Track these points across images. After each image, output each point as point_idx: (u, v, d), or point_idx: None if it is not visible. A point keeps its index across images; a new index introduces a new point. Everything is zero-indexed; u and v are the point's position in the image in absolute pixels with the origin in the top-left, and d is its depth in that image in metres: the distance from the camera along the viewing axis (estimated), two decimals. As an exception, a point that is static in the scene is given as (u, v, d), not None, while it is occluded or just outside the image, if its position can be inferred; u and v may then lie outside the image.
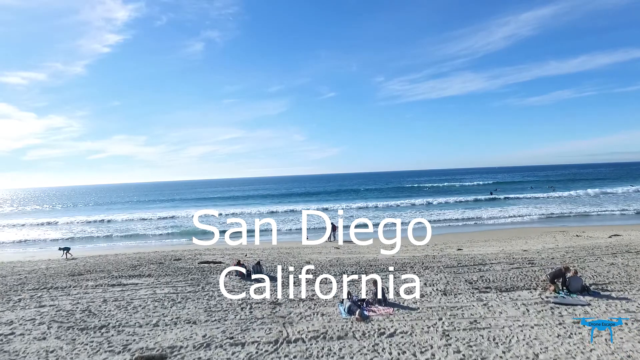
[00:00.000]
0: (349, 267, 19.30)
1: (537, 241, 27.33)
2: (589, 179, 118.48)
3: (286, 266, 20.25)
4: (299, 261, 22.36)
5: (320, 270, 18.86)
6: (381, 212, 54.45)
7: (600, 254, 20.20)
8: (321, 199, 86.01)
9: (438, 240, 31.33)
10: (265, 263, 21.63)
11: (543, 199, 60.86)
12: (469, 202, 58.60)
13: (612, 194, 64.69)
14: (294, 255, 25.20)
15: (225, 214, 58.59)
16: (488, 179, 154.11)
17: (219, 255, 26.23)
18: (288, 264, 21.08)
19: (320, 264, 20.94)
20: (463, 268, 17.97)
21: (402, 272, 18.02)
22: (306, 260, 22.10)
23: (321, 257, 23.97)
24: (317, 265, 20.31)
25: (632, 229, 31.64)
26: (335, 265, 20.03)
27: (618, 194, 64.28)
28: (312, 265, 21.11)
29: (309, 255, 24.72)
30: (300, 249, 28.74)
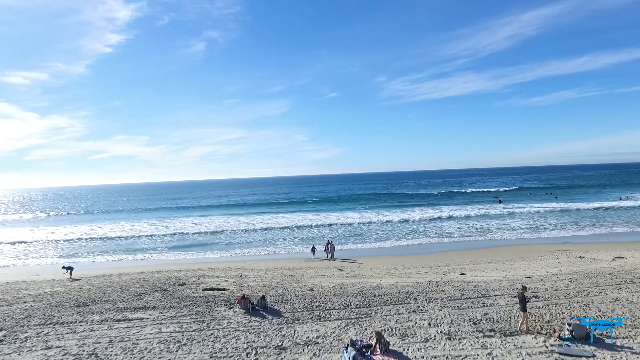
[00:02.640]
0: (353, 298, 19.32)
1: (540, 263, 27.32)
2: (589, 186, 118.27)
3: (290, 295, 20.30)
4: (302, 287, 22.42)
5: (324, 302, 18.89)
6: (381, 227, 54.41)
7: (605, 284, 20.20)
8: (321, 207, 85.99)
9: (442, 259, 31.35)
10: (268, 290, 21.73)
11: (544, 214, 60.76)
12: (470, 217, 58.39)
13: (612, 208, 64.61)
14: (297, 278, 25.25)
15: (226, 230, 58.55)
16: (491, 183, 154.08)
17: (222, 276, 26.32)
18: (292, 292, 21.15)
19: (323, 292, 20.99)
20: (467, 301, 17.98)
21: (406, 304, 18.07)
22: (309, 287, 22.14)
23: (324, 281, 24.00)
24: (320, 294, 20.36)
25: (635, 248, 31.59)
26: (339, 295, 20.06)
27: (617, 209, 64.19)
28: (315, 292, 21.21)
29: (312, 280, 24.75)
30: (303, 270, 28.78)
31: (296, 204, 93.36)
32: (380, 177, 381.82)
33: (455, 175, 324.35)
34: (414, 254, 34.77)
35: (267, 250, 39.38)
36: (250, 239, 46.25)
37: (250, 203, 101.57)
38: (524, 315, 14.43)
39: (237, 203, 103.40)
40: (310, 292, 21.24)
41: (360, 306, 18.08)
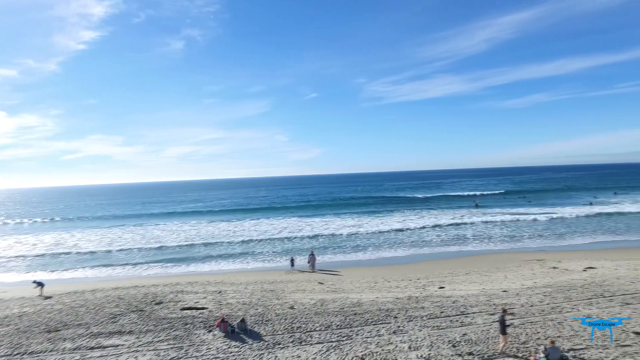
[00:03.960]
0: (334, 318, 19.27)
1: (516, 275, 27.98)
2: (561, 189, 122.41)
3: (271, 315, 20.08)
4: (282, 305, 22.23)
5: (305, 322, 18.77)
6: (361, 235, 54.71)
7: (577, 299, 20.85)
8: (302, 213, 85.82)
9: (421, 270, 31.72)
10: (248, 309, 21.45)
11: (519, 221, 62.41)
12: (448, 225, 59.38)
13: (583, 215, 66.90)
14: (278, 294, 25.04)
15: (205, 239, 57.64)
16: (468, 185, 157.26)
17: (201, 292, 25.84)
18: (272, 310, 20.94)
19: (304, 310, 20.87)
20: (446, 320, 18.21)
21: (386, 324, 18.16)
22: (290, 305, 21.97)
23: (305, 297, 23.88)
24: (301, 313, 20.24)
25: (605, 258, 32.75)
26: (320, 314, 19.98)
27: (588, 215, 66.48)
28: (295, 310, 21.07)
29: (293, 295, 24.59)
30: (284, 283, 28.57)
31: (276, 210, 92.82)
32: (361, 178, 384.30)
33: (434, 176, 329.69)
34: (393, 265, 35.07)
35: (246, 261, 38.96)
36: (229, 249, 45.66)
37: (229, 208, 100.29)
38: (503, 338, 14.71)
39: (216, 208, 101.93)
40: (291, 310, 21.09)
41: (342, 327, 18.05)
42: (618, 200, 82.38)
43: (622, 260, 30.97)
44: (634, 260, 30.82)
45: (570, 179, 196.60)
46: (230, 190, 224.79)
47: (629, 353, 14.09)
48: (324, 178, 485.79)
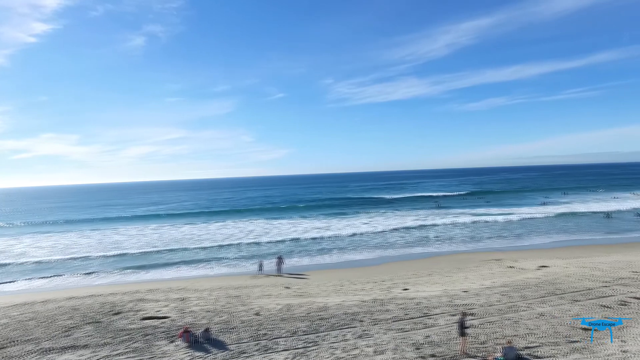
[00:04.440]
0: (300, 323, 19.20)
1: (476, 275, 29.04)
2: (516, 190, 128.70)
3: (236, 322, 19.73)
4: (248, 311, 21.91)
5: (271, 328, 18.58)
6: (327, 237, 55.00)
7: (531, 297, 21.92)
8: (268, 215, 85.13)
9: (386, 272, 32.24)
10: (213, 316, 20.97)
11: (477, 221, 64.82)
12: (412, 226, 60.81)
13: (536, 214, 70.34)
14: (243, 300, 24.65)
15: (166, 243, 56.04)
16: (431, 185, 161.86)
17: (162, 300, 24.99)
18: (238, 318, 20.58)
19: (270, 316, 20.66)
20: (410, 322, 18.60)
21: (352, 328, 18.32)
22: (256, 311, 21.69)
23: (271, 303, 23.64)
24: (267, 319, 20.02)
25: (557, 256, 34.66)
26: (286, 320, 19.85)
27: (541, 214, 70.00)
28: (261, 316, 20.82)
29: (258, 301, 24.28)
30: (249, 288, 28.16)
31: (242, 212, 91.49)
32: (327, 179, 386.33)
33: (399, 177, 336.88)
34: (359, 267, 35.46)
35: (211, 266, 38.10)
36: (193, 253, 44.49)
37: (192, 211, 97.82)
38: (462, 340, 15.25)
39: (179, 211, 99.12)
40: (257, 316, 20.82)
41: (308, 332, 18.01)
42: (568, 200, 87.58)
43: (572, 259, 32.88)
44: (583, 258, 32.80)
45: (524, 179, 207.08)
46: (194, 191, 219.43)
47: (577, 349, 14.96)
48: (290, 179, 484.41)
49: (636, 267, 28.32)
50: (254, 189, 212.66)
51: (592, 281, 24.74)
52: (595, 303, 20.33)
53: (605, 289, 22.92)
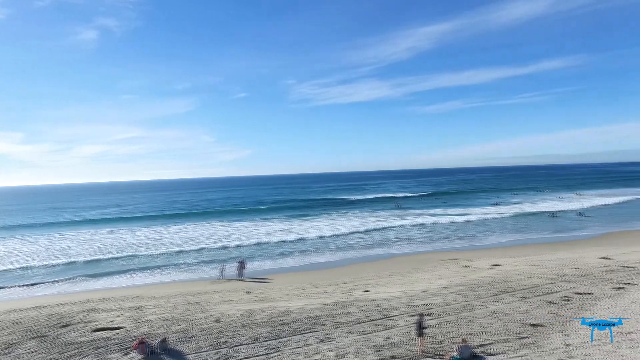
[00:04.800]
0: (261, 329, 18.97)
1: (433, 275, 29.98)
2: (471, 191, 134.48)
3: (195, 330, 19.18)
4: (207, 318, 21.38)
5: (231, 335, 18.23)
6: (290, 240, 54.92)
7: (485, 296, 22.93)
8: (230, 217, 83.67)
9: (347, 273, 32.56)
10: (170, 325, 20.27)
11: (436, 222, 66.98)
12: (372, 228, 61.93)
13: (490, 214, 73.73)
14: (203, 306, 24.02)
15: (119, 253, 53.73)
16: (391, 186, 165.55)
17: (116, 309, 23.86)
18: (197, 325, 20.02)
19: (231, 323, 20.27)
20: (371, 325, 18.89)
21: (314, 332, 18.34)
22: (216, 318, 21.20)
23: (232, 309, 23.21)
24: (227, 326, 19.63)
25: (509, 255, 36.48)
26: (248, 326, 19.55)
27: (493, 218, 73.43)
28: (222, 323, 20.37)
29: (219, 307, 23.75)
30: (209, 294, 27.48)
31: (202, 215, 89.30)
32: (290, 179, 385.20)
33: (360, 178, 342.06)
34: (321, 269, 35.60)
35: (169, 272, 36.83)
36: (149, 259, 42.83)
37: (150, 214, 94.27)
38: (420, 340, 15.71)
39: (135, 214, 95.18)
40: (217, 323, 20.35)
41: (270, 338, 17.83)
42: (518, 201, 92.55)
43: (522, 257, 34.75)
44: (531, 256, 34.75)
45: (479, 180, 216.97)
46: (151, 193, 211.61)
47: (526, 344, 15.81)
48: (253, 179, 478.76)
49: (578, 263, 30.37)
50: (215, 190, 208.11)
51: (540, 278, 26.26)
52: (542, 299, 21.59)
53: (551, 285, 24.41)
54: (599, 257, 32.58)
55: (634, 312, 18.95)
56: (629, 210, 69.75)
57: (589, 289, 23.07)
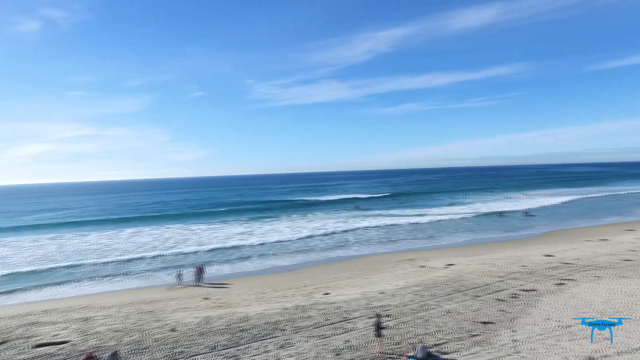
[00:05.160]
0: (220, 337, 18.54)
1: (391, 276, 30.69)
2: (426, 192, 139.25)
3: (149, 341, 18.40)
4: (162, 327, 20.60)
5: (188, 345, 17.66)
6: (249, 243, 54.25)
7: (440, 295, 23.77)
8: (186, 220, 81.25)
9: (307, 276, 32.58)
10: (122, 336, 19.33)
11: (393, 223, 68.64)
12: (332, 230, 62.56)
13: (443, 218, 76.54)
14: (157, 315, 23.12)
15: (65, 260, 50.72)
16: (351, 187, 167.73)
17: (61, 322, 22.42)
18: (151, 336, 19.22)
19: (187, 331, 19.65)
20: (330, 328, 19.00)
21: (274, 338, 18.17)
22: (171, 327, 20.47)
23: (188, 316, 22.52)
24: (183, 335, 19.01)
25: (461, 254, 38.03)
26: (205, 334, 19.04)
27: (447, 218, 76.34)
28: (177, 332, 19.70)
29: (174, 315, 22.96)
30: (164, 302, 26.50)
31: (157, 218, 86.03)
32: (249, 180, 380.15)
33: (320, 179, 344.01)
34: (281, 272, 35.40)
35: (121, 279, 35.13)
36: (99, 266, 40.62)
37: (99, 218, 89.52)
38: (378, 341, 16.03)
39: (83, 218, 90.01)
40: (172, 333, 19.67)
41: (228, 346, 17.46)
42: (471, 201, 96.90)
43: (474, 256, 36.37)
44: (483, 255, 36.46)
45: (434, 181, 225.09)
46: (102, 195, 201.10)
47: (477, 342, 16.54)
48: (211, 180, 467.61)
49: (525, 261, 32.24)
50: (170, 192, 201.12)
51: (490, 277, 27.60)
52: (492, 297, 22.70)
53: (501, 283, 25.73)
54: (543, 254, 34.77)
55: (573, 306, 20.38)
56: (570, 209, 74.99)
57: (534, 286, 24.55)
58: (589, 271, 27.80)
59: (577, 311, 19.53)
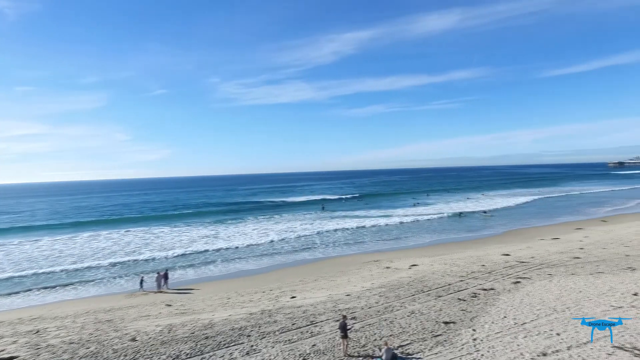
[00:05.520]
0: (183, 345, 18.04)
1: (357, 277, 31.04)
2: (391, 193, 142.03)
3: (107, 353, 17.60)
4: (122, 337, 19.79)
5: (149, 355, 17.05)
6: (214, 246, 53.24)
7: (404, 296, 24.28)
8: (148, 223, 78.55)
9: (274, 279, 32.34)
10: (77, 349, 18.39)
11: (358, 226, 69.43)
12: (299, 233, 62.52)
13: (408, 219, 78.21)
14: (116, 324, 22.18)
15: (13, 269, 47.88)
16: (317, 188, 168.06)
17: (8, 335, 21.06)
18: (109, 347, 18.39)
19: (149, 341, 18.97)
20: (297, 332, 18.95)
21: (239, 344, 17.89)
22: (132, 337, 19.70)
23: (150, 325, 21.76)
24: (145, 345, 18.35)
25: (424, 255, 39.06)
26: (168, 343, 18.46)
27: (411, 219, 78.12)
28: (138, 341, 18.98)
29: (135, 324, 22.12)
30: (124, 310, 25.47)
31: (117, 221, 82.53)
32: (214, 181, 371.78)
33: (286, 179, 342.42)
34: (247, 276, 34.93)
35: (76, 287, 33.43)
36: (52, 274, 38.44)
37: (53, 222, 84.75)
38: (344, 342, 16.21)
39: (31, 222, 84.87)
40: (133, 342, 18.93)
41: (192, 355, 17.02)
42: (433, 201, 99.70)
43: (437, 256, 37.46)
44: (445, 255, 37.61)
45: (399, 182, 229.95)
46: (55, 197, 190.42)
47: (440, 342, 17.04)
48: (173, 181, 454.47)
49: (484, 260, 33.57)
50: (131, 193, 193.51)
51: (452, 277, 28.52)
52: (454, 297, 23.46)
53: (461, 283, 26.64)
54: (501, 253, 36.35)
55: (528, 303, 21.43)
56: (526, 209, 78.80)
57: (492, 285, 25.60)
58: (543, 269, 29.35)
59: (532, 308, 20.56)
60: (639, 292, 22.48)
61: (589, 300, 21.58)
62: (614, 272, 27.49)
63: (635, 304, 20.48)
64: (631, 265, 29.14)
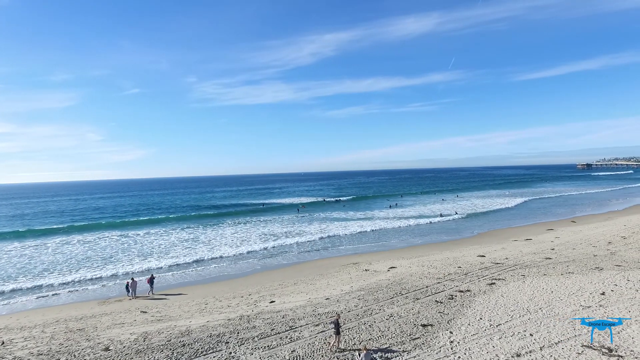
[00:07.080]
0: (159, 354, 17.60)
1: (336, 280, 31.11)
2: (369, 196, 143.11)
3: (78, 364, 17.01)
4: (94, 347, 19.14)
5: (123, 366, 16.58)
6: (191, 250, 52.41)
7: (383, 299, 24.47)
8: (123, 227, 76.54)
9: (252, 283, 32.06)
10: (47, 361, 17.66)
11: (337, 228, 69.61)
12: (277, 236, 62.20)
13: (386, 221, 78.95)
14: (88, 333, 21.47)
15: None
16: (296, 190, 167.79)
17: (-27, 347, 20.00)
18: (80, 358, 17.76)
19: (123, 350, 18.42)
20: (277, 338, 18.79)
21: (217, 352, 17.61)
22: (105, 346, 19.09)
23: (124, 333, 21.15)
24: (118, 355, 17.80)
25: (403, 257, 39.51)
26: (143, 352, 17.97)
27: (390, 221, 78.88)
28: (112, 351, 18.41)
29: (108, 332, 21.46)
30: (96, 318, 24.70)
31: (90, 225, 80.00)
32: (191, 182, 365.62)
33: (265, 181, 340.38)
34: (225, 280, 34.51)
35: (45, 294, 32.19)
36: (20, 281, 36.90)
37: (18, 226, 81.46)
38: (337, 338, 16.73)
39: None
40: (106, 352, 18.34)
41: (168, 364, 16.63)
42: (411, 203, 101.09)
43: (414, 258, 37.96)
44: (422, 257, 38.16)
45: (377, 183, 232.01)
46: (22, 199, 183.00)
47: (418, 345, 17.24)
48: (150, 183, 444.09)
49: (460, 262, 34.24)
50: (105, 196, 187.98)
51: (429, 279, 28.95)
52: (431, 299, 23.81)
53: (439, 285, 27.07)
54: (477, 255, 37.17)
55: (502, 305, 21.97)
56: (500, 211, 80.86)
57: (468, 287, 26.12)
58: (516, 270, 30.16)
59: (507, 309, 21.09)
60: (606, 291, 23.40)
61: (560, 300, 22.30)
62: (583, 272, 28.53)
63: (603, 303, 21.31)
64: (599, 265, 30.31)
